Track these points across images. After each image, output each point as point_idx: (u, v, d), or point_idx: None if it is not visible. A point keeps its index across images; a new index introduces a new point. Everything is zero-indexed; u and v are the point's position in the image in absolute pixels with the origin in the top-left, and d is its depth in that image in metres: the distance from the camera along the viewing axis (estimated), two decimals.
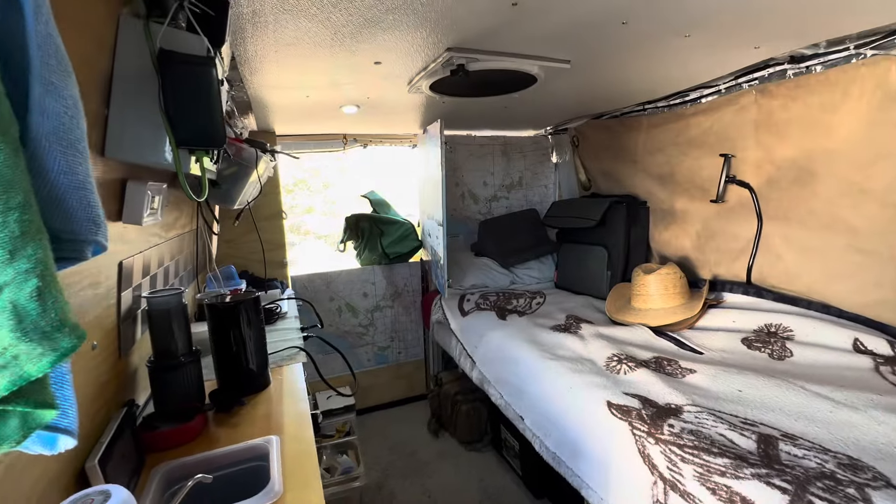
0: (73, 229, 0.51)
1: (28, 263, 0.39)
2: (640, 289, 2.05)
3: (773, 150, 1.84)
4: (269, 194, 2.55)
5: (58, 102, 0.46)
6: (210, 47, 0.89)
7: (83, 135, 0.51)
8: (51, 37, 0.47)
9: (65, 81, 0.47)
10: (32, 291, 0.39)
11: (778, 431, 1.14)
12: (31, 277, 0.39)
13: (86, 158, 0.52)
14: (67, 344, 0.41)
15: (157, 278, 1.34)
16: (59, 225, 0.49)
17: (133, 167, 0.99)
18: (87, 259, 0.55)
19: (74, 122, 0.50)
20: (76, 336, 0.42)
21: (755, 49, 1.55)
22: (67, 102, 0.48)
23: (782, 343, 1.62)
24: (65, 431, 0.52)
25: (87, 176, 0.52)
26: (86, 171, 0.52)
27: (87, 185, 0.52)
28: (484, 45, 1.43)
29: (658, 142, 2.37)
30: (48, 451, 0.52)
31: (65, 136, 0.47)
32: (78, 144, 0.50)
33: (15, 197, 0.38)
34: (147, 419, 1.08)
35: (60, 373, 0.53)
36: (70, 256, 0.54)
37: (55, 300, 0.41)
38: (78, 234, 0.52)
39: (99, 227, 0.54)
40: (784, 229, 1.84)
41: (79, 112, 0.51)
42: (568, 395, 1.50)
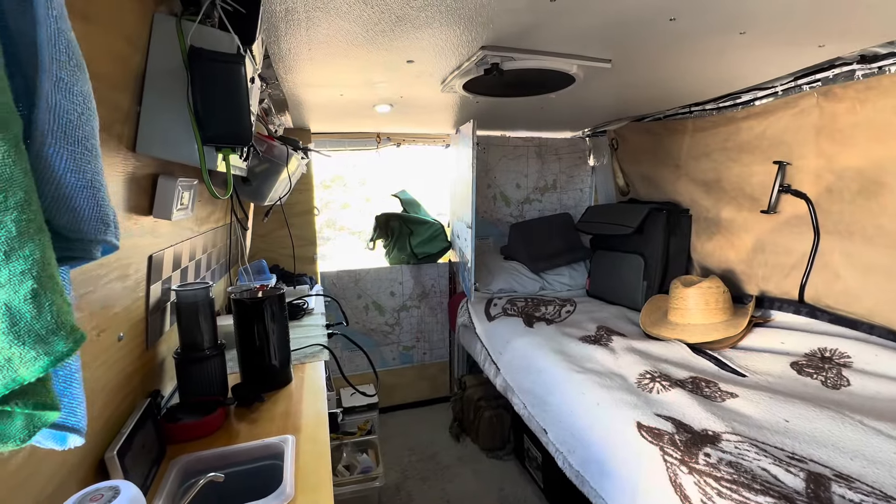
0: (81, 228, 0.50)
1: (24, 264, 0.38)
2: (678, 302, 1.93)
3: (835, 158, 1.68)
4: (301, 191, 2.60)
5: (66, 99, 0.45)
6: (240, 45, 0.89)
7: (94, 132, 0.50)
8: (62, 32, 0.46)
9: (75, 77, 0.46)
10: (27, 293, 0.38)
11: (830, 471, 1.03)
12: (27, 279, 0.38)
13: (96, 157, 0.51)
14: (63, 348, 0.40)
15: (188, 271, 1.37)
16: (66, 224, 0.48)
17: (165, 163, 1.00)
18: (95, 259, 0.54)
19: (84, 119, 0.49)
20: (73, 339, 0.41)
21: (819, 48, 1.42)
22: (77, 99, 0.47)
23: (838, 370, 1.48)
24: (72, 430, 0.52)
25: (95, 174, 0.51)
26: (95, 169, 0.51)
27: (96, 184, 0.51)
28: (520, 43, 1.38)
29: (704, 146, 2.23)
30: (59, 446, 0.52)
31: (73, 133, 0.46)
32: (87, 142, 0.49)
33: (14, 195, 0.38)
34: (171, 410, 1.10)
35: (69, 371, 0.53)
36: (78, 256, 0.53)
37: (52, 302, 0.40)
38: (86, 233, 0.51)
39: (108, 227, 0.53)
40: (845, 245, 1.68)
41: (89, 109, 0.49)
42: (595, 412, 1.42)
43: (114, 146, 0.79)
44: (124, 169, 0.84)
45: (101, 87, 0.73)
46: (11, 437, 0.42)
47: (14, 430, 0.42)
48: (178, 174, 1.05)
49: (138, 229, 0.95)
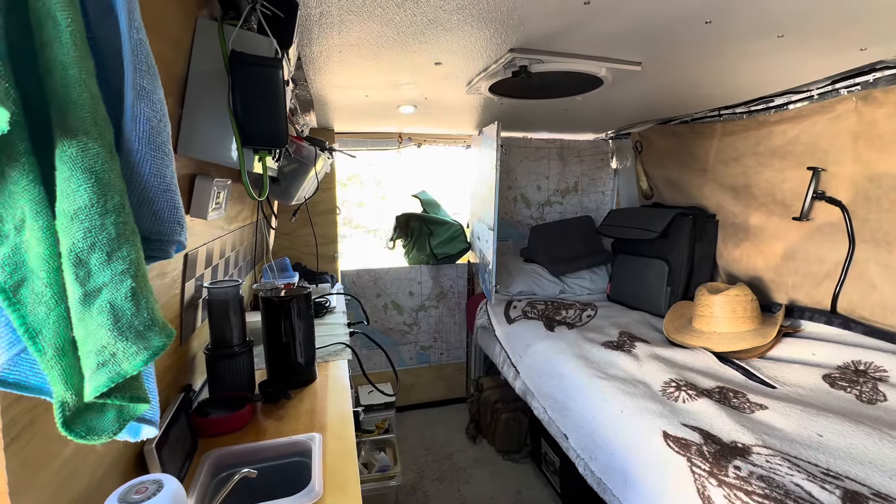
0: (161, 230, 0.53)
1: (124, 264, 0.40)
2: (703, 309, 1.90)
3: (874, 164, 1.62)
4: (325, 190, 2.63)
5: (149, 106, 0.48)
6: (278, 49, 0.91)
7: (169, 138, 0.53)
8: (142, 42, 0.49)
9: (154, 85, 0.49)
10: (127, 292, 0.40)
11: (868, 489, 1.00)
12: (127, 278, 0.40)
13: (172, 160, 0.53)
14: (159, 342, 0.42)
15: (218, 269, 1.40)
16: (148, 226, 0.51)
17: (201, 164, 1.03)
18: (171, 258, 0.57)
19: (162, 125, 0.51)
20: (166, 334, 0.44)
21: (861, 51, 1.37)
22: (157, 106, 0.49)
23: (874, 384, 1.43)
24: (149, 422, 0.55)
25: (173, 178, 0.54)
26: (172, 173, 0.54)
27: (173, 188, 0.54)
28: (550, 45, 1.37)
29: (733, 150, 2.18)
30: (133, 438, 0.55)
31: (154, 139, 0.49)
32: (165, 147, 0.52)
33: (112, 199, 0.40)
34: (201, 405, 1.13)
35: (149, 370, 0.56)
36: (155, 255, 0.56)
37: (147, 300, 0.42)
38: (164, 234, 0.53)
39: (183, 228, 0.56)
40: (882, 255, 1.63)
41: (165, 115, 0.52)
42: (619, 419, 1.41)
43: None
44: None
45: None
46: (105, 430, 0.44)
47: (106, 424, 0.45)
48: (214, 175, 1.07)
49: None
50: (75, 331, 0.40)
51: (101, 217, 0.38)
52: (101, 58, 0.45)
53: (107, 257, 0.39)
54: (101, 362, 0.39)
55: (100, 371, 0.39)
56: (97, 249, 0.39)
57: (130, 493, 0.60)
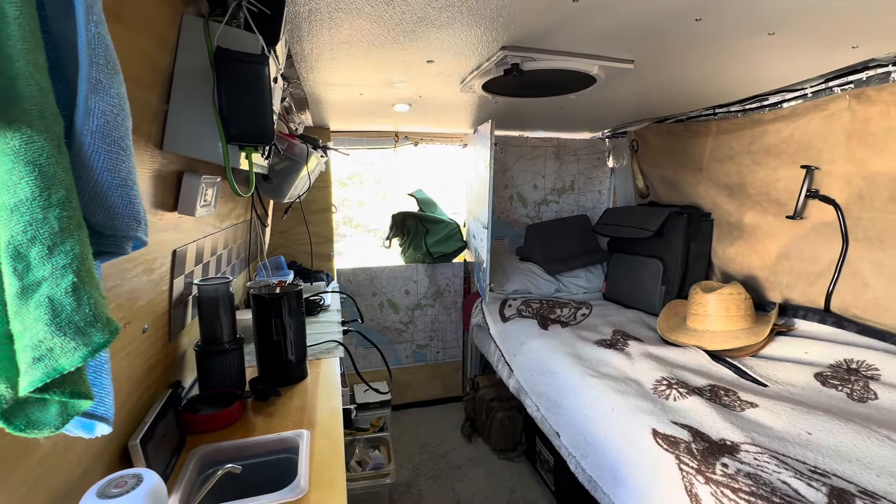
0: (115, 225, 0.52)
1: (65, 259, 0.40)
2: (697, 308, 1.90)
3: (867, 163, 1.62)
4: (320, 188, 2.63)
5: (104, 101, 0.47)
6: (264, 45, 0.91)
7: (128, 132, 0.52)
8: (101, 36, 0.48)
9: (111, 79, 0.48)
10: (68, 287, 0.40)
11: (855, 487, 1.00)
12: (68, 273, 0.40)
13: (129, 156, 0.53)
14: (100, 339, 0.42)
15: (209, 266, 1.40)
16: (101, 221, 0.50)
17: (189, 160, 1.03)
18: (126, 254, 0.56)
19: (120, 120, 0.50)
20: (109, 331, 0.43)
21: (853, 49, 1.37)
22: (114, 101, 0.48)
23: (865, 383, 1.43)
24: (100, 419, 0.54)
25: (129, 173, 0.53)
26: (129, 168, 0.53)
27: (129, 183, 0.53)
28: (541, 43, 1.37)
29: (728, 149, 2.18)
30: (87, 434, 0.55)
31: (109, 133, 0.48)
32: (122, 142, 0.51)
33: (56, 193, 0.39)
34: (190, 401, 1.13)
35: (98, 362, 0.56)
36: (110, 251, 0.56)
37: (90, 295, 0.42)
38: (119, 230, 0.53)
39: (139, 224, 0.55)
40: (875, 253, 1.63)
41: (124, 110, 0.51)
42: (609, 417, 1.41)
43: (142, 144, 0.81)
44: (151, 166, 0.86)
45: (132, 88, 0.75)
46: (47, 424, 0.44)
47: (49, 418, 0.44)
48: (203, 171, 1.07)
49: (164, 225, 0.98)
50: (12, 324, 0.39)
51: (43, 210, 0.38)
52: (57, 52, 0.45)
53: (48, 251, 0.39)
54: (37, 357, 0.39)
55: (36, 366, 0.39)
56: (38, 243, 0.38)
57: (109, 488, 0.61)
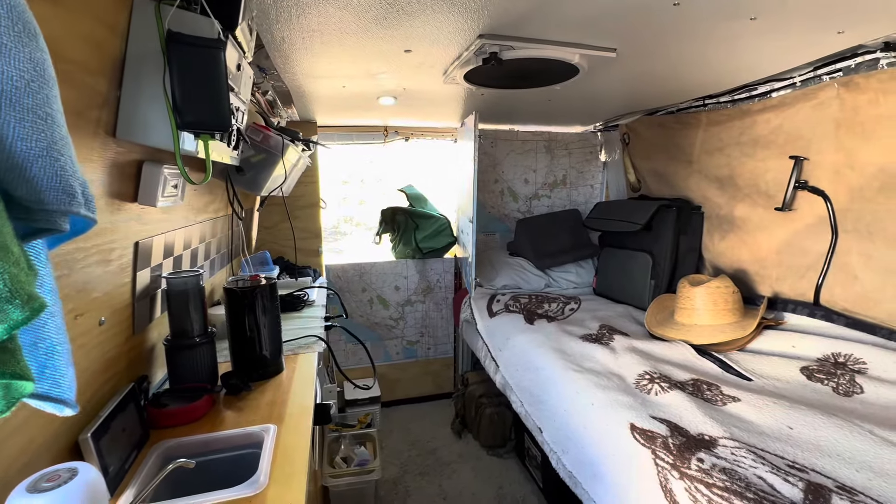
0: (41, 199, 0.50)
1: None
2: (685, 302, 1.87)
3: (856, 153, 1.59)
4: (307, 183, 2.61)
5: (10, 65, 0.45)
6: (221, 30, 0.88)
7: (48, 101, 0.49)
8: None
9: (21, 43, 0.46)
10: None
11: (832, 482, 0.97)
12: None
13: (52, 125, 0.50)
14: (19, 315, 0.40)
15: (182, 259, 1.38)
16: (24, 193, 0.48)
17: (152, 150, 1.00)
18: (65, 231, 0.54)
19: (35, 87, 0.48)
20: (31, 308, 0.42)
21: (839, 34, 1.33)
22: (24, 66, 0.46)
23: (851, 377, 1.40)
24: (57, 400, 0.53)
25: (52, 143, 0.50)
26: (51, 138, 0.50)
27: (54, 153, 0.50)
28: (518, 31, 1.34)
29: (718, 141, 2.14)
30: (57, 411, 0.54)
31: (19, 101, 0.46)
32: (38, 110, 0.49)
33: None
34: (157, 395, 1.11)
35: (49, 344, 0.54)
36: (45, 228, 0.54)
37: (3, 271, 0.40)
38: (47, 203, 0.50)
39: (73, 198, 0.53)
40: (865, 246, 1.59)
41: (42, 77, 0.49)
42: (589, 412, 1.38)
43: (91, 131, 0.79)
44: (103, 154, 0.84)
45: (75, 72, 0.73)
46: None
47: None
48: (167, 161, 1.05)
49: (122, 215, 0.96)
50: None
51: None
52: None
53: None
54: None
55: None
56: None
57: (41, 482, 0.59)
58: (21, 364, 0.44)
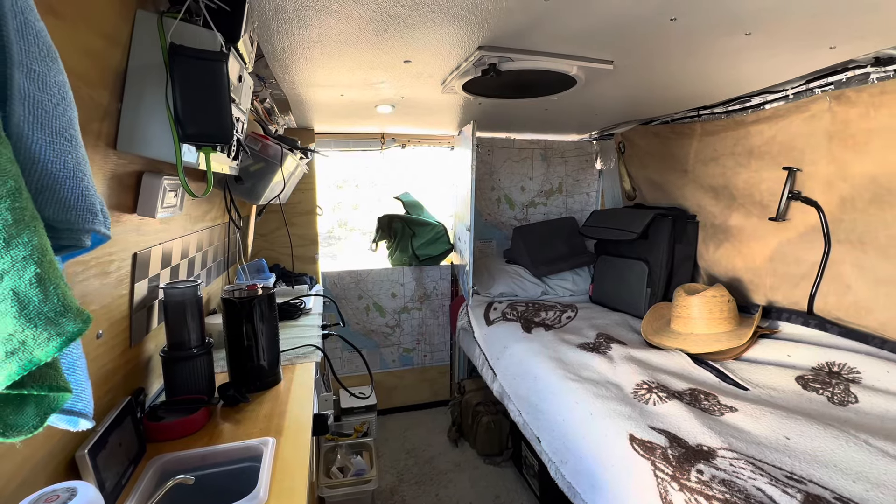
0: (69, 218, 0.52)
1: (25, 250, 0.40)
2: (681, 310, 1.88)
3: (848, 164, 1.61)
4: (304, 190, 2.60)
5: (40, 90, 0.46)
6: (223, 43, 0.88)
7: (71, 122, 0.51)
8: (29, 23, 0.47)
9: (47, 68, 0.47)
10: (32, 278, 0.40)
11: (830, 493, 0.98)
12: (30, 264, 0.40)
13: (76, 146, 0.52)
14: (73, 328, 0.42)
15: (179, 269, 1.37)
16: (53, 214, 0.50)
17: (151, 161, 1.00)
18: (86, 247, 0.56)
19: (60, 110, 0.49)
20: (82, 320, 0.43)
21: (830, 49, 1.36)
22: (51, 90, 0.47)
23: (846, 386, 1.41)
24: (79, 414, 0.54)
25: (77, 164, 0.52)
26: (76, 159, 0.52)
27: (79, 174, 0.52)
28: (517, 43, 1.35)
29: (713, 151, 2.17)
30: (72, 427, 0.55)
31: (49, 123, 0.47)
32: (65, 132, 0.50)
33: (4, 184, 0.39)
34: (154, 408, 1.10)
35: (71, 358, 0.56)
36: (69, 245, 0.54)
37: (56, 286, 0.42)
38: (73, 223, 0.52)
39: (95, 216, 0.54)
40: (857, 256, 1.62)
41: (66, 100, 0.50)
42: (588, 422, 1.38)
43: (91, 143, 0.79)
44: (104, 166, 0.83)
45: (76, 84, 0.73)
46: (25, 426, 0.44)
47: (27, 419, 0.44)
48: (167, 172, 1.04)
49: (121, 227, 0.95)
50: None
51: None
52: None
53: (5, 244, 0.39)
54: (10, 350, 0.39)
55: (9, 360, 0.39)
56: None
57: (39, 502, 0.58)
58: (62, 376, 0.45)
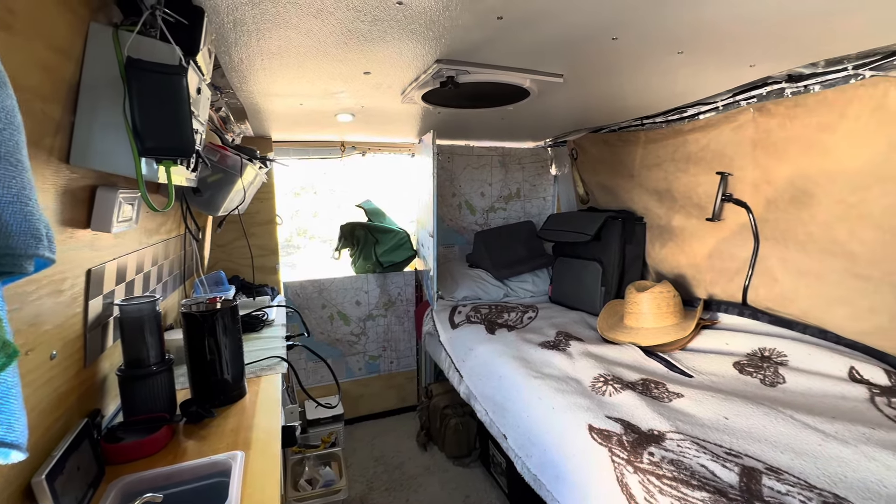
0: (10, 244, 0.50)
1: None
2: (632, 307, 2.01)
3: (770, 169, 1.80)
4: (263, 200, 2.55)
5: None
6: (182, 57, 0.88)
7: (18, 147, 0.50)
8: None
9: None
10: None
11: (763, 464, 1.09)
12: None
13: (21, 171, 0.51)
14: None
15: (134, 285, 1.33)
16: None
17: (105, 175, 0.98)
18: (29, 273, 0.54)
19: (6, 135, 0.48)
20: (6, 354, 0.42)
21: (750, 67, 1.52)
22: None
23: (775, 369, 1.57)
24: (10, 445, 0.51)
25: (22, 189, 0.51)
26: (21, 184, 0.51)
27: (23, 199, 0.51)
28: (474, 57, 1.42)
29: (656, 157, 2.34)
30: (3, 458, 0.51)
31: None
32: (10, 157, 0.49)
33: None
34: (112, 430, 1.06)
35: (5, 387, 0.52)
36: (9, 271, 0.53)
37: None
38: (15, 248, 0.50)
39: (40, 241, 0.53)
40: (781, 251, 1.80)
41: (13, 125, 0.49)
42: (550, 416, 1.46)
43: (43, 159, 0.77)
44: (56, 181, 0.81)
45: (28, 98, 0.71)
46: None
47: None
48: (122, 185, 1.02)
49: (74, 243, 0.92)
50: None
51: None
52: None
53: None
54: None
55: None
56: None
57: None
58: None
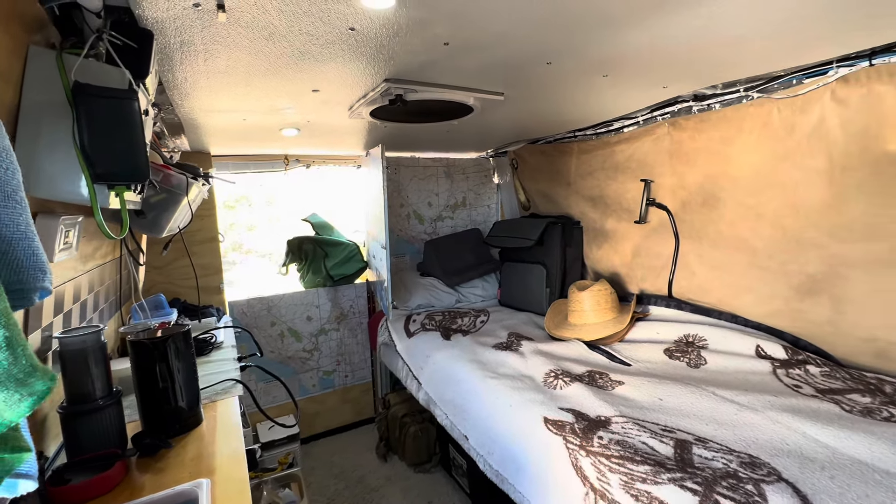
0: (21, 279, 0.51)
1: None
2: (575, 305, 2.17)
3: (684, 176, 2.04)
4: (203, 217, 2.45)
5: None
6: (132, 80, 0.87)
7: (19, 185, 0.51)
8: None
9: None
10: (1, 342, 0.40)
11: (692, 436, 1.25)
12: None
13: (25, 208, 0.53)
14: (43, 386, 0.43)
15: (71, 315, 1.24)
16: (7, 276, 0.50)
17: (42, 201, 0.92)
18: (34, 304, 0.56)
19: (10, 174, 0.50)
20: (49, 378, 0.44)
21: (664, 88, 1.73)
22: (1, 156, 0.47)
23: (698, 352, 1.78)
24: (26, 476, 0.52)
25: (28, 225, 0.53)
26: (27, 220, 0.53)
27: (30, 234, 0.53)
28: (421, 76, 1.49)
29: (588, 166, 2.55)
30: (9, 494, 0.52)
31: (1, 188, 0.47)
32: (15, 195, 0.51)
33: None
34: (58, 471, 0.99)
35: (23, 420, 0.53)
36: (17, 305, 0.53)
37: (23, 347, 0.42)
38: (26, 282, 0.52)
39: (45, 274, 0.55)
40: (696, 248, 2.04)
41: (11, 163, 0.50)
42: (508, 413, 1.55)
43: None
44: None
45: None
46: None
47: None
48: (61, 212, 0.97)
49: None
50: None
51: None
52: None
53: None
54: None
55: None
56: None
57: None
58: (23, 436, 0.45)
